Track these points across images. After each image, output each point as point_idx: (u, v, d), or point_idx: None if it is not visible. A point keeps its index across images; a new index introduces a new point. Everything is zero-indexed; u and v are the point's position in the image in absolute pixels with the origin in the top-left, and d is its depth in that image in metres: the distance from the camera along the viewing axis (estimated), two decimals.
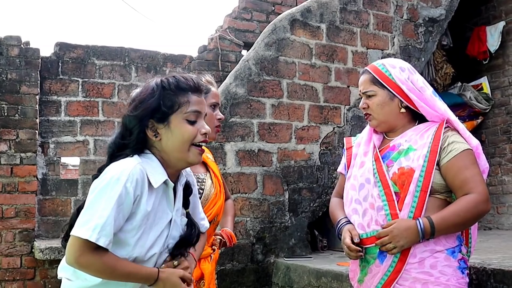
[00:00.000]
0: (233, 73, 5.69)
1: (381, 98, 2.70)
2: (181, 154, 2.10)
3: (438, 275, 2.48)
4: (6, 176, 6.02)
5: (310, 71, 6.02)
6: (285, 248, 5.68)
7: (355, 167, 2.78)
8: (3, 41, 6.18)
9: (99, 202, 1.91)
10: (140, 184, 1.98)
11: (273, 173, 5.71)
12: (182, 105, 2.08)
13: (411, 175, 2.52)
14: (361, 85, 2.80)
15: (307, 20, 6.03)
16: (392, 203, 2.54)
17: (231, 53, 7.62)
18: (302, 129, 5.91)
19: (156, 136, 2.08)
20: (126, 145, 2.08)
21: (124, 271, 1.96)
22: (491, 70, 7.72)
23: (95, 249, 1.87)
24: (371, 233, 2.60)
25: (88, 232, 1.85)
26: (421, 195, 2.50)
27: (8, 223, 5.98)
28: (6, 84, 6.10)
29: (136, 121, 2.07)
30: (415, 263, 2.51)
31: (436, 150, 2.55)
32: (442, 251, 2.52)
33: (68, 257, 1.91)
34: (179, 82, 2.11)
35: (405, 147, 2.63)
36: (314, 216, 5.92)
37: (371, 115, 2.75)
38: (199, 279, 2.76)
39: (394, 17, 6.57)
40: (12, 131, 6.07)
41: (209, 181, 2.89)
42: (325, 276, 4.71)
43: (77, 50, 6.70)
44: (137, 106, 2.09)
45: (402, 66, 2.74)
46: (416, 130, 2.69)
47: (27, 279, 5.96)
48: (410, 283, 2.51)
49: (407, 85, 2.66)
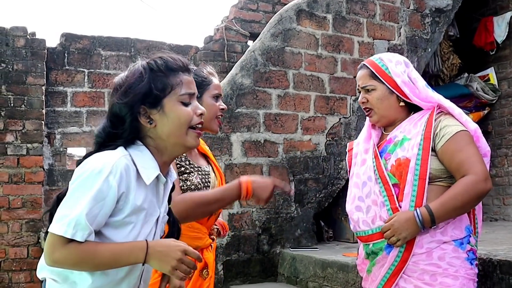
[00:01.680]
0: (239, 64, 5.68)
1: (380, 93, 2.72)
2: (179, 139, 1.94)
3: (446, 267, 2.49)
4: (13, 167, 6.04)
5: (316, 61, 6.00)
6: (291, 238, 5.68)
7: (356, 165, 2.82)
8: (9, 32, 6.18)
9: (76, 195, 1.76)
10: (125, 178, 1.81)
11: (279, 163, 5.71)
12: (175, 86, 1.93)
13: (407, 165, 2.54)
14: (359, 79, 2.82)
15: (313, 10, 6.01)
16: (392, 198, 2.57)
17: (237, 43, 7.60)
18: (308, 120, 5.90)
19: (150, 123, 1.91)
20: (118, 135, 1.91)
21: (108, 254, 1.77)
22: (498, 61, 7.69)
23: (68, 242, 1.72)
24: (377, 229, 2.62)
25: (63, 228, 1.71)
26: (420, 184, 2.51)
27: (15, 213, 6.00)
28: (12, 75, 6.11)
29: (127, 108, 1.89)
30: (422, 254, 2.52)
31: (429, 136, 2.56)
32: (449, 242, 2.52)
33: (45, 256, 1.78)
34: (167, 62, 1.96)
35: (400, 138, 2.65)
36: (320, 206, 5.93)
37: (372, 109, 2.77)
38: (202, 268, 2.77)
39: (401, 7, 6.54)
40: (18, 122, 6.08)
41: (213, 173, 2.88)
42: (330, 267, 4.72)
43: (83, 40, 6.69)
44: (126, 92, 1.91)
45: (399, 60, 2.76)
46: (410, 120, 2.71)
47: (33, 269, 5.98)
48: (418, 275, 2.52)
49: (402, 78, 2.68)
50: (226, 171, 5.33)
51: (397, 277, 2.56)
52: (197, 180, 2.72)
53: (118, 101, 1.91)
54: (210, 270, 2.82)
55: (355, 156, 2.87)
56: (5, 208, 5.96)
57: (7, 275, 5.92)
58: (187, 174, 2.71)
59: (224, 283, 5.30)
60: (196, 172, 2.75)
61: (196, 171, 2.75)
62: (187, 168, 2.73)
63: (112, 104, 1.94)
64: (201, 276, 2.76)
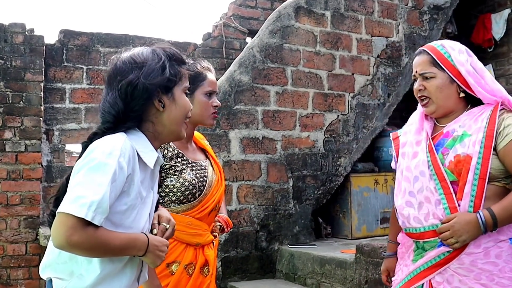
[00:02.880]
0: (238, 61, 5.69)
1: (440, 81, 2.55)
2: (177, 127, 2.01)
3: (503, 265, 2.41)
4: (11, 163, 6.04)
5: (315, 58, 6.01)
6: (289, 235, 5.69)
7: (406, 157, 2.65)
8: (8, 28, 6.18)
9: (92, 177, 1.73)
10: (132, 160, 1.85)
11: (277, 160, 5.71)
12: (183, 77, 2.03)
13: (469, 163, 2.40)
14: (418, 65, 2.64)
15: (312, 7, 6.01)
16: (450, 196, 2.44)
17: (236, 40, 7.60)
18: (307, 117, 5.91)
19: (163, 107, 1.95)
20: (129, 117, 1.92)
21: (118, 243, 1.79)
22: (496, 58, 7.70)
23: (87, 226, 1.69)
24: (430, 227, 2.49)
25: (83, 210, 1.67)
26: (479, 183, 2.39)
27: (13, 210, 6.01)
28: (10, 71, 6.10)
29: (150, 90, 1.91)
30: (480, 253, 2.43)
31: (492, 135, 2.42)
32: (505, 241, 2.44)
33: (58, 238, 1.69)
34: (177, 53, 2.05)
35: (459, 133, 2.50)
36: (318, 203, 5.94)
37: (430, 98, 2.59)
38: (203, 265, 2.77)
39: (399, 4, 6.55)
40: (17, 119, 6.08)
41: (210, 168, 2.88)
42: (329, 264, 4.73)
43: (82, 37, 6.69)
44: (149, 74, 1.92)
45: (461, 48, 2.61)
46: (470, 114, 2.56)
47: (32, 266, 5.98)
48: (475, 275, 2.42)
49: (466, 68, 2.54)
50: (224, 168, 5.33)
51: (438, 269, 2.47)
52: (190, 176, 2.73)
53: (145, 81, 1.91)
54: (211, 267, 2.82)
55: (402, 146, 2.71)
56: (3, 205, 5.96)
57: (5, 272, 5.92)
58: (178, 172, 2.72)
59: (222, 280, 5.31)
60: (189, 168, 2.75)
61: (189, 167, 2.76)
62: (179, 166, 2.73)
63: (130, 82, 1.91)
64: (202, 273, 2.76)
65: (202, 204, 2.76)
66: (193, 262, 2.73)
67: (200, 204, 2.75)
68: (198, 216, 2.74)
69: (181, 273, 2.68)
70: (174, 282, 2.66)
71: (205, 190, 2.77)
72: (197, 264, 2.74)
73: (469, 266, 2.43)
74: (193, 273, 2.71)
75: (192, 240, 2.74)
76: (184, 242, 2.71)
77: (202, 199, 2.75)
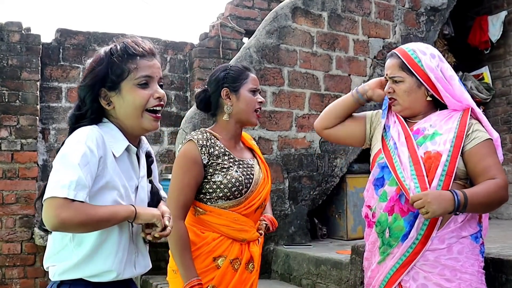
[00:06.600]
0: (234, 61, 5.68)
1: (408, 85, 2.69)
2: (134, 121, 2.08)
3: (464, 260, 2.52)
4: (7, 162, 6.04)
5: (311, 59, 6.01)
6: (285, 236, 5.69)
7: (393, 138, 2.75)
8: (4, 27, 6.17)
9: (65, 163, 1.88)
10: (101, 145, 1.96)
11: (273, 160, 5.71)
12: (132, 71, 2.05)
13: (438, 159, 2.54)
14: (388, 68, 2.77)
15: (309, 8, 6.01)
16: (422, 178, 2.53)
17: (233, 40, 7.60)
18: (303, 117, 5.91)
19: (109, 105, 2.08)
20: (83, 116, 2.07)
21: (106, 210, 1.90)
22: (492, 60, 7.70)
23: (72, 203, 1.81)
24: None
25: (64, 190, 1.80)
26: (446, 179, 2.52)
27: (9, 209, 6.00)
28: (7, 70, 6.10)
29: (87, 90, 2.06)
30: (443, 249, 2.53)
31: (462, 136, 2.57)
32: (467, 237, 2.56)
33: (49, 219, 1.82)
34: (127, 48, 2.09)
35: (430, 132, 2.64)
36: (314, 204, 5.94)
37: (396, 100, 2.74)
38: (248, 261, 2.84)
39: (396, 5, 6.55)
40: (12, 117, 6.08)
41: (257, 166, 2.96)
42: (324, 264, 4.73)
43: (78, 36, 6.69)
44: (86, 76, 2.08)
45: (433, 53, 2.72)
46: (440, 115, 2.70)
47: (27, 265, 5.99)
48: (439, 270, 2.53)
49: (435, 73, 2.65)
50: None
51: (406, 269, 2.57)
52: (237, 173, 2.80)
53: (80, 84, 2.09)
54: (256, 263, 2.89)
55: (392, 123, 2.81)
56: None
57: (0, 271, 5.92)
58: (226, 169, 2.79)
59: None
60: (236, 166, 2.82)
61: (236, 165, 2.83)
62: (226, 164, 2.80)
63: (78, 87, 2.11)
64: (247, 269, 2.83)
65: (249, 201, 2.83)
66: (238, 257, 2.80)
67: (247, 201, 2.82)
68: (245, 212, 2.82)
69: (227, 267, 2.75)
70: (220, 276, 2.74)
71: (251, 188, 2.84)
72: (243, 260, 2.81)
73: (433, 262, 2.54)
74: (239, 268, 2.78)
75: (238, 235, 2.81)
76: (231, 237, 2.79)
77: (248, 196, 2.83)
